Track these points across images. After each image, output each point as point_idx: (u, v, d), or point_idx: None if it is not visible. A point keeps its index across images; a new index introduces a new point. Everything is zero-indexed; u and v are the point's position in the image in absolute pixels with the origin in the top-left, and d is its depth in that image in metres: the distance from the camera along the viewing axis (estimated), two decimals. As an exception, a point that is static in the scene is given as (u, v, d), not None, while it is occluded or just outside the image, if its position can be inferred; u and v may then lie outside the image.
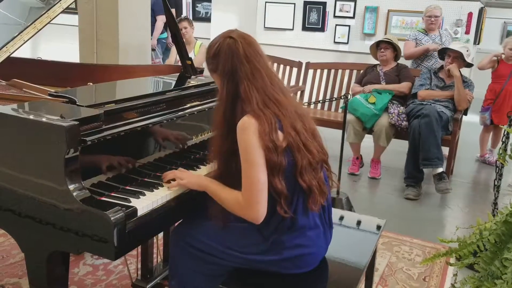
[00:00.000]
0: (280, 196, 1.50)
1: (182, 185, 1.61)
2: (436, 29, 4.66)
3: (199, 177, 1.66)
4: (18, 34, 1.78)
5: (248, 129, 1.47)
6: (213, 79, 1.65)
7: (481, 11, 6.40)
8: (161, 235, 2.46)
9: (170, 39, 5.93)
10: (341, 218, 2.17)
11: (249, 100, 1.50)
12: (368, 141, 4.34)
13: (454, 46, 4.14)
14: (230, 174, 1.56)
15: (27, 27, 1.81)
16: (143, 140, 1.70)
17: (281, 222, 1.56)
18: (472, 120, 5.25)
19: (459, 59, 4.03)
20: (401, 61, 4.45)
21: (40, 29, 1.83)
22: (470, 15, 6.21)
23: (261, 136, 1.46)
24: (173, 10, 5.64)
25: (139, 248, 2.23)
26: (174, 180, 1.64)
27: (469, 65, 4.16)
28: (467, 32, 6.21)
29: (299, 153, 1.51)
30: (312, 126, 1.60)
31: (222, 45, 1.55)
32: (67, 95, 1.69)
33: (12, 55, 1.85)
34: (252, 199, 1.49)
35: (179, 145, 1.88)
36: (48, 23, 1.85)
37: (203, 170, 1.86)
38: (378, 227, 2.10)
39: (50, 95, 1.73)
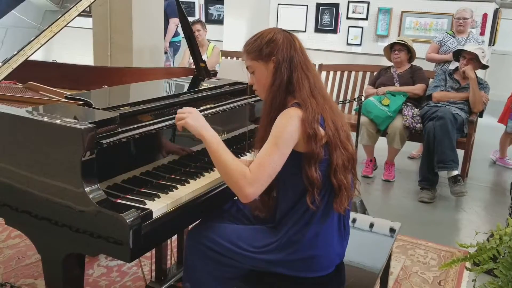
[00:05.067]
0: (313, 186, 1.51)
1: (181, 123, 1.57)
2: (466, 31, 4.60)
3: (200, 123, 1.58)
4: (35, 37, 1.80)
5: (292, 118, 1.49)
6: (252, 65, 1.62)
7: (496, 12, 6.32)
8: (175, 237, 2.46)
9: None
10: (356, 221, 2.16)
11: (299, 87, 1.54)
12: (381, 143, 4.30)
13: (469, 47, 4.09)
14: None
15: (44, 31, 1.82)
16: (158, 143, 1.71)
17: (300, 217, 1.56)
18: (487, 122, 5.19)
19: (475, 60, 3.99)
20: (415, 62, 4.42)
21: (57, 33, 1.85)
22: (485, 16, 6.14)
23: (303, 123, 1.48)
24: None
25: (153, 249, 2.23)
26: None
27: (485, 67, 4.11)
28: (482, 33, 6.13)
29: (335, 152, 1.53)
30: (348, 128, 1.63)
31: (278, 35, 1.59)
32: (83, 98, 1.70)
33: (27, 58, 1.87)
34: (261, 178, 1.47)
35: (193, 147, 1.88)
36: (65, 26, 1.87)
37: (217, 172, 1.85)
38: (393, 231, 2.09)
39: (66, 97, 1.74)
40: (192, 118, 1.57)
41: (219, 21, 7.75)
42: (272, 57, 1.57)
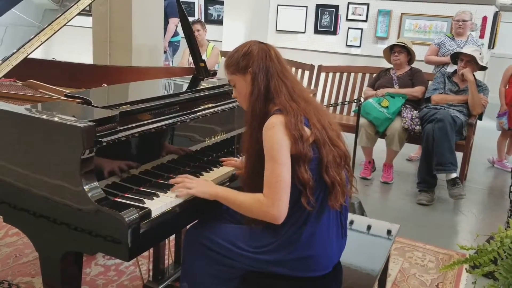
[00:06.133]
0: (306, 187, 1.52)
1: (191, 194, 1.60)
2: (465, 34, 4.60)
3: (209, 186, 1.65)
4: (35, 35, 1.79)
5: (275, 127, 1.51)
6: (233, 79, 1.67)
7: (496, 15, 6.33)
8: (172, 236, 2.46)
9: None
10: (354, 223, 2.16)
11: (278, 94, 1.58)
12: (380, 145, 4.30)
13: (467, 49, 4.10)
14: (260, 168, 1.57)
15: (44, 29, 1.82)
16: (157, 142, 1.71)
17: (298, 218, 1.57)
18: (487, 125, 5.20)
19: (472, 62, 3.99)
20: (415, 64, 4.42)
21: (57, 31, 1.84)
22: (484, 19, 6.15)
23: (288, 127, 1.51)
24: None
25: (151, 249, 2.23)
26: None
27: (483, 68, 4.12)
28: (481, 36, 6.14)
29: (324, 148, 1.55)
30: (337, 127, 1.65)
31: (253, 47, 1.63)
32: (82, 96, 1.69)
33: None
34: (275, 196, 1.50)
35: (192, 147, 1.88)
36: (65, 24, 1.86)
37: (216, 172, 1.86)
38: (392, 233, 2.09)
39: (65, 95, 1.74)
40: (199, 187, 1.61)
41: (219, 21, 7.74)
42: (248, 69, 1.61)
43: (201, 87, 2.26)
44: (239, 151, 2.10)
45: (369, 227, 2.16)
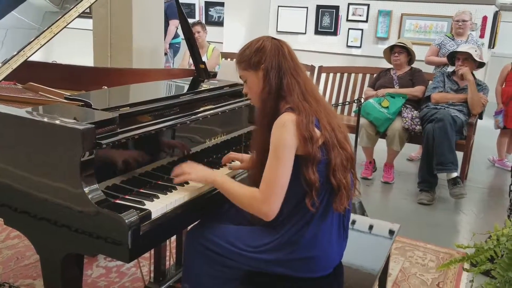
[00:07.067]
0: (312, 187, 1.52)
1: (189, 179, 1.63)
2: (465, 34, 4.59)
3: (206, 171, 1.67)
4: (35, 38, 1.80)
5: (285, 125, 1.51)
6: (244, 74, 1.66)
7: (496, 15, 6.34)
8: (174, 237, 2.46)
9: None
10: (355, 223, 2.16)
11: (290, 92, 1.57)
12: (381, 145, 4.31)
13: (462, 48, 4.11)
14: None
15: (43, 31, 1.83)
16: (157, 143, 1.71)
17: (300, 218, 1.57)
18: (487, 124, 5.20)
19: (469, 60, 3.99)
20: (415, 64, 4.42)
21: (57, 33, 1.85)
22: (484, 19, 6.16)
23: (298, 127, 1.50)
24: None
25: (152, 250, 2.24)
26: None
27: (481, 65, 4.12)
28: (481, 36, 6.15)
29: (333, 151, 1.55)
30: (345, 129, 1.65)
31: (266, 43, 1.62)
32: (82, 99, 1.70)
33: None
34: (271, 193, 1.51)
35: (193, 148, 1.89)
36: (65, 27, 1.87)
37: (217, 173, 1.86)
38: (392, 232, 2.09)
39: (66, 98, 1.74)
40: (195, 173, 1.65)
41: (219, 23, 7.76)
42: (261, 65, 1.60)
43: (201, 88, 2.27)
44: (248, 148, 2.11)
45: (370, 227, 2.16)
